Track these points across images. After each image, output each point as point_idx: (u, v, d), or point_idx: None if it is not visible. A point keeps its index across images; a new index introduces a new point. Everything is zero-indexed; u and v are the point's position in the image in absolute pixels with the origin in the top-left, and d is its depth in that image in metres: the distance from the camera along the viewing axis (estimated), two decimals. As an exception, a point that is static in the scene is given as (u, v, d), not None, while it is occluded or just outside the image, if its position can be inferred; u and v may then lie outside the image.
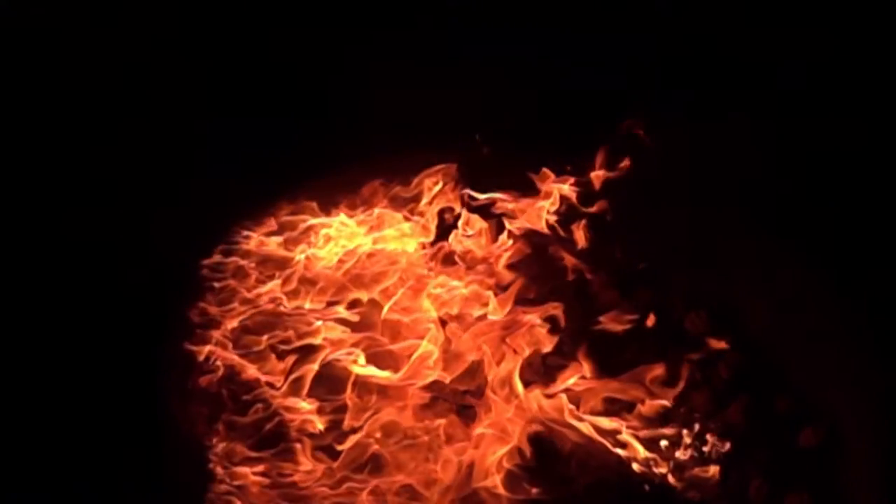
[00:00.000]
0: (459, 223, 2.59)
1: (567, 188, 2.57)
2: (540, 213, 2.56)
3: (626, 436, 2.23)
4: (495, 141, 2.66)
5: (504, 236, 2.56)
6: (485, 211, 2.60)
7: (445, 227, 2.61)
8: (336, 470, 2.21)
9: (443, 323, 2.40)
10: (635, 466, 2.19)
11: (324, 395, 2.31)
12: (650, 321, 2.44)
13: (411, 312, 2.43)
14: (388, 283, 2.47)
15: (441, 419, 2.28)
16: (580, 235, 2.55)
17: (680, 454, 2.23)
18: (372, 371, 2.33)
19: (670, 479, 2.19)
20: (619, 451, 2.20)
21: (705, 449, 2.24)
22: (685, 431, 2.26)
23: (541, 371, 2.36)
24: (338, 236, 2.56)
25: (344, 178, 2.64)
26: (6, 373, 2.22)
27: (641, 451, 2.21)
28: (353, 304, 2.46)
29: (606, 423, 2.24)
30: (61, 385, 2.22)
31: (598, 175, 2.59)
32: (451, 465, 2.20)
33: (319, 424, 2.27)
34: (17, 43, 2.52)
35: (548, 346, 2.36)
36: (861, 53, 2.45)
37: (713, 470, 2.21)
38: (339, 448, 2.24)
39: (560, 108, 2.63)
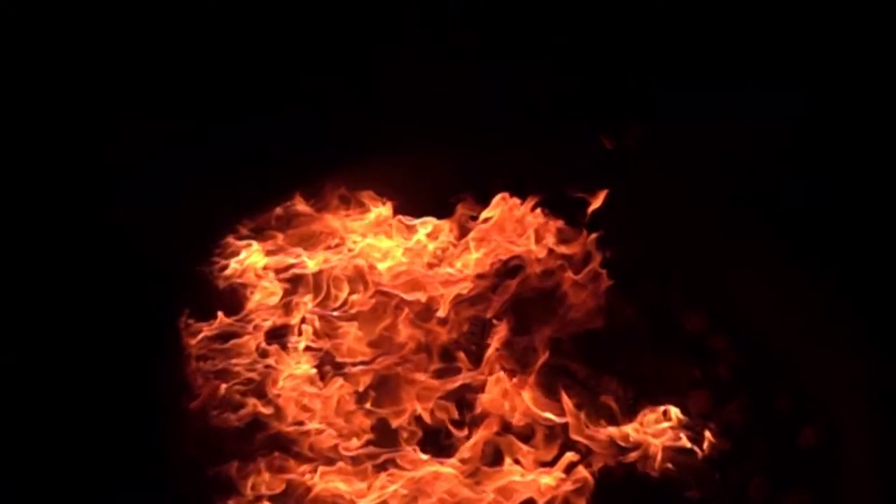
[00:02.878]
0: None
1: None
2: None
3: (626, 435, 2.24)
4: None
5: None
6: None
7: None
8: None
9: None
10: (635, 466, 2.20)
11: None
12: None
13: None
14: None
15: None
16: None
17: (680, 454, 2.23)
18: None
19: (670, 478, 2.20)
20: (619, 450, 2.21)
21: (705, 448, 2.24)
22: (685, 431, 2.26)
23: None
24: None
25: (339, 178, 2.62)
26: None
27: (642, 451, 2.21)
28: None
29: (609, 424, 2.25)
30: (56, 394, 2.20)
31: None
32: None
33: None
34: (17, 38, 2.51)
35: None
36: (861, 53, 2.45)
37: (713, 470, 2.22)
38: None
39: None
